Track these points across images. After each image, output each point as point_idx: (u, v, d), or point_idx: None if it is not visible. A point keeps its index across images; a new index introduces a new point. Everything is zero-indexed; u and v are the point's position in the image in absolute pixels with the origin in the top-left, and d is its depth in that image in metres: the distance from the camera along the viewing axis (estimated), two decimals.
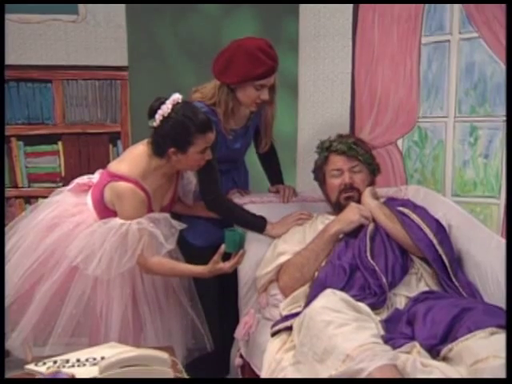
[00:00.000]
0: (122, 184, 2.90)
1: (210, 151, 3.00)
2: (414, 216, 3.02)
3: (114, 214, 2.93)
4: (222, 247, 2.85)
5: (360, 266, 2.91)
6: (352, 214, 3.08)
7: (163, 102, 2.91)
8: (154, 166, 2.97)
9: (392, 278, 2.86)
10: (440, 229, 3.02)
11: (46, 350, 2.86)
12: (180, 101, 2.93)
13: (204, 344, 3.15)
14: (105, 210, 2.96)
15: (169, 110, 2.89)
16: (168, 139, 2.91)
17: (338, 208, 3.22)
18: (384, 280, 2.81)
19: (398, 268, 2.90)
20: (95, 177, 3.16)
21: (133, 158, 2.98)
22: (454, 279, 2.87)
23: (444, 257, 2.89)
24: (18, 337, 2.89)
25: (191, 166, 3.05)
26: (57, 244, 2.93)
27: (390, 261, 2.91)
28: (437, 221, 3.06)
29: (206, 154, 2.98)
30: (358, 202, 3.16)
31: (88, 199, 3.04)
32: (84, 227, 2.95)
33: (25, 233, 2.98)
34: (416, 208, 3.12)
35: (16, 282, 2.89)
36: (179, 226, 3.01)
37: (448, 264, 2.89)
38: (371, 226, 3.05)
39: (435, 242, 2.91)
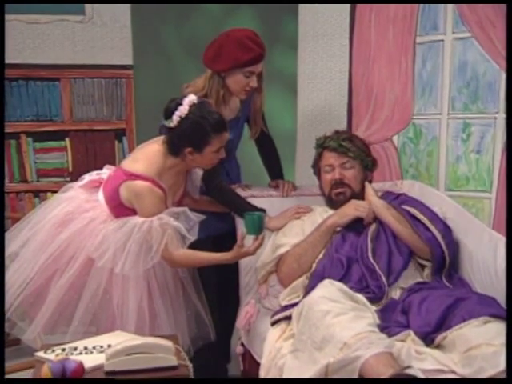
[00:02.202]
0: (139, 183, 2.90)
1: (224, 150, 3.04)
2: (421, 217, 3.05)
3: (131, 211, 2.95)
4: (243, 231, 2.89)
5: (360, 262, 2.96)
6: (348, 209, 3.14)
7: (180, 103, 2.91)
8: (168, 164, 2.99)
9: (393, 279, 2.90)
10: (447, 230, 3.04)
11: (66, 338, 2.85)
12: (196, 101, 2.95)
13: (207, 333, 3.18)
14: (119, 207, 2.97)
15: (186, 111, 2.90)
16: (185, 139, 2.92)
17: (330, 202, 3.29)
18: (384, 279, 2.85)
19: (400, 268, 2.95)
20: (104, 172, 3.18)
21: (148, 157, 2.99)
22: (444, 280, 2.93)
23: (447, 259, 2.94)
24: (33, 331, 2.92)
25: (205, 165, 3.08)
26: (71, 239, 2.95)
27: (395, 262, 2.95)
28: (444, 222, 3.08)
29: (220, 153, 3.01)
30: (350, 197, 3.20)
31: (100, 195, 3.06)
32: (98, 223, 2.97)
33: (38, 228, 3.00)
34: (422, 208, 3.12)
35: (31, 276, 2.91)
36: (197, 217, 3.04)
37: (447, 267, 2.94)
38: (373, 227, 3.09)
39: (443, 243, 2.95)
